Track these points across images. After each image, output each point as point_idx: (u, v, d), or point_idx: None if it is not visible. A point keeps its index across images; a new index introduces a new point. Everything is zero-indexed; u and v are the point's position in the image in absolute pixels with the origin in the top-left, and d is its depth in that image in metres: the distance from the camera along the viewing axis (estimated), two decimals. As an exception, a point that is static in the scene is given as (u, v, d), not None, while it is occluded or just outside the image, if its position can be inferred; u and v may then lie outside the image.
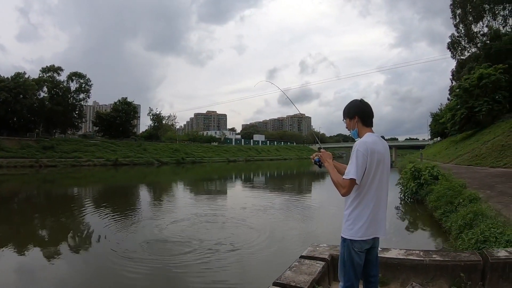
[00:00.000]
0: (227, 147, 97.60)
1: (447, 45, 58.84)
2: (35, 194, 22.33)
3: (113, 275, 7.03)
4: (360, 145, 2.75)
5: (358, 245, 2.80)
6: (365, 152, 2.71)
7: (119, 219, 12.32)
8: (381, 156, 2.80)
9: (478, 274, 4.00)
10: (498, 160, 23.27)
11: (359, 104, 3.00)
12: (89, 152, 54.82)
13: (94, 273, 7.28)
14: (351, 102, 3.07)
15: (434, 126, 71.77)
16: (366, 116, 2.95)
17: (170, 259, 7.92)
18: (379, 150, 2.80)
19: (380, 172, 2.81)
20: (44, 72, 62.18)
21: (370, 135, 2.87)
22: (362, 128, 2.95)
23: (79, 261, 8.01)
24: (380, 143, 2.85)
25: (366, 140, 2.79)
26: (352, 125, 3.00)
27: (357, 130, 2.97)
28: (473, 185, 12.83)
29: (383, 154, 2.84)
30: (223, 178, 38.51)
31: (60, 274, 7.19)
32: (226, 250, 8.49)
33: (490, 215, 7.36)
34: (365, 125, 2.94)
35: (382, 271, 3.95)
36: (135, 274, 6.99)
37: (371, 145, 2.75)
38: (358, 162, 2.70)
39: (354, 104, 3.03)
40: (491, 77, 38.73)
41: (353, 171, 2.69)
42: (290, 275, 3.70)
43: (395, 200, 15.11)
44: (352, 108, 3.02)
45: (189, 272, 7.20)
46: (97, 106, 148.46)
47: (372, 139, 2.82)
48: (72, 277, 7.01)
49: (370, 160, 2.73)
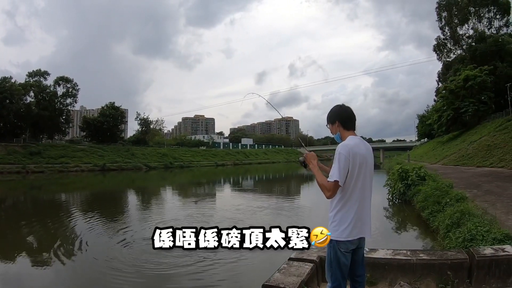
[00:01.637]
0: (215, 151, 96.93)
1: (433, 48, 59.53)
2: (21, 201, 22.00)
3: (99, 283, 6.96)
4: (342, 148, 2.79)
5: (344, 245, 2.83)
6: (347, 155, 2.75)
7: (106, 226, 12.20)
8: (363, 159, 2.84)
9: (465, 272, 4.05)
10: (484, 160, 23.60)
11: (339, 110, 3.07)
12: (76, 157, 54.20)
13: (80, 281, 7.19)
14: (332, 108, 3.13)
15: (421, 127, 72.65)
16: (347, 120, 3.01)
17: (158, 265, 7.88)
18: (361, 153, 2.83)
19: (363, 174, 2.84)
20: (30, 77, 61.55)
21: (352, 138, 2.91)
22: (343, 131, 3.00)
23: (65, 269, 7.87)
24: (362, 146, 2.89)
25: (347, 143, 2.83)
26: (334, 130, 3.07)
27: (339, 134, 3.03)
28: (460, 185, 12.99)
29: (365, 156, 2.87)
30: (212, 182, 38.44)
31: (46, 282, 7.12)
32: (214, 255, 8.46)
33: (477, 214, 7.44)
34: (346, 129, 2.99)
35: (370, 271, 3.98)
36: (122, 281, 6.94)
37: (353, 148, 2.79)
38: (341, 164, 2.74)
39: (334, 110, 3.10)
40: (477, 79, 39.32)
41: (336, 173, 2.74)
42: (279, 277, 3.71)
43: (383, 201, 15.21)
44: (333, 114, 3.09)
45: (178, 277, 7.16)
46: (84, 111, 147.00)
47: (354, 142, 2.86)
48: (58, 285, 6.92)
49: (352, 162, 2.76)
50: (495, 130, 30.51)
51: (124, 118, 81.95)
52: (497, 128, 30.78)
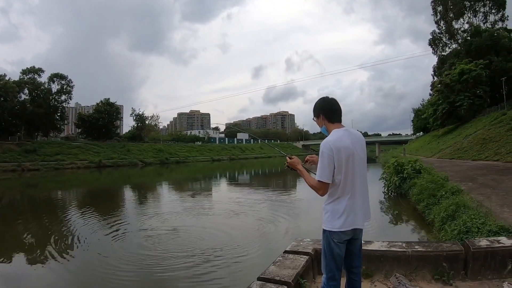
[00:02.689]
0: (211, 146, 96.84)
1: (429, 42, 59.69)
2: (18, 199, 21.84)
3: (98, 279, 6.94)
4: (324, 146, 2.79)
5: (337, 236, 2.83)
6: (330, 152, 2.74)
7: (103, 223, 12.14)
8: (348, 151, 2.80)
9: (460, 264, 4.05)
10: (479, 153, 23.70)
11: (322, 102, 3.04)
12: (72, 154, 53.86)
13: (78, 279, 7.16)
14: (316, 101, 3.10)
15: (417, 121, 72.83)
16: (331, 112, 2.97)
17: (155, 260, 7.88)
18: (346, 146, 2.79)
19: (351, 166, 2.81)
20: (24, 74, 60.88)
21: (335, 131, 2.88)
22: (328, 124, 2.97)
23: (64, 266, 7.80)
24: (346, 138, 2.84)
25: (329, 140, 2.81)
26: (320, 123, 3.05)
27: (325, 127, 3.01)
28: (455, 178, 13.03)
29: (351, 149, 2.83)
30: (209, 177, 38.48)
31: (44, 281, 7.07)
32: (211, 249, 8.48)
33: (472, 207, 7.48)
34: (331, 122, 2.96)
35: (366, 264, 3.97)
36: (121, 277, 6.93)
37: (335, 143, 2.77)
38: (324, 163, 2.75)
39: (318, 102, 3.06)
40: (472, 73, 39.42)
41: (321, 173, 2.75)
42: (274, 270, 3.70)
43: (379, 194, 15.28)
44: (316, 107, 3.06)
45: (174, 271, 7.16)
46: (79, 107, 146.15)
47: (337, 136, 2.83)
48: (57, 283, 6.89)
49: (337, 158, 2.75)
50: (490, 123, 30.64)
51: (120, 114, 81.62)
52: (492, 121, 30.90)
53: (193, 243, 9.15)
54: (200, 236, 9.79)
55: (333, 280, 2.91)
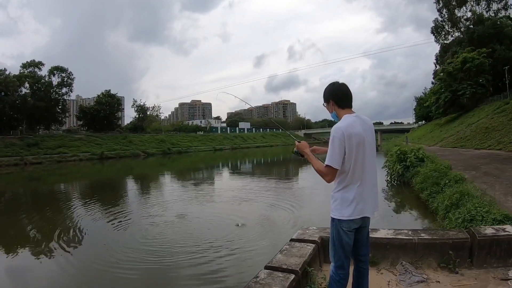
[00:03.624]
0: (213, 135, 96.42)
1: (431, 30, 59.07)
2: (21, 193, 21.84)
3: (104, 272, 6.97)
4: (335, 131, 2.74)
5: (346, 224, 2.81)
6: (341, 137, 2.70)
7: (107, 214, 12.18)
8: (360, 138, 2.77)
9: (466, 252, 4.05)
10: (482, 142, 23.64)
11: (332, 88, 2.99)
12: (74, 147, 53.81)
13: (83, 271, 7.20)
14: (326, 86, 3.06)
15: (419, 110, 72.58)
16: (341, 98, 2.94)
17: (162, 250, 7.93)
18: (357, 132, 2.77)
19: (361, 153, 2.79)
20: (24, 68, 60.47)
21: (346, 117, 2.84)
22: (338, 110, 2.94)
23: (68, 259, 7.82)
24: (358, 125, 2.81)
25: (340, 125, 2.77)
26: (330, 109, 3.01)
27: (335, 113, 2.97)
28: (458, 167, 13.02)
29: (362, 135, 2.80)
30: (212, 166, 38.59)
31: (49, 273, 7.10)
32: (216, 238, 8.53)
33: (476, 195, 7.46)
34: (341, 107, 2.93)
35: (372, 251, 3.97)
36: (127, 268, 6.99)
37: (347, 129, 2.73)
38: (335, 148, 2.71)
39: (328, 88, 3.02)
40: (475, 61, 39.15)
41: (331, 158, 2.71)
42: (281, 258, 3.70)
43: (382, 183, 15.26)
44: (326, 93, 3.01)
45: (181, 261, 7.21)
46: (80, 100, 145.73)
47: (348, 122, 2.79)
48: (63, 276, 6.88)
49: (348, 144, 2.71)
50: (493, 112, 30.53)
51: (121, 106, 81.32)
52: (495, 110, 30.79)
53: (198, 232, 9.21)
54: (205, 226, 9.84)
55: (342, 269, 2.90)
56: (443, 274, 3.91)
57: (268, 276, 3.31)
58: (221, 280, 6.27)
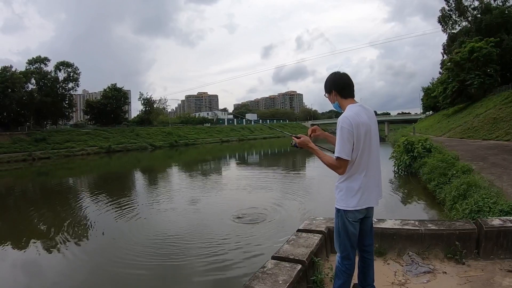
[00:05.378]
0: (219, 127, 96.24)
1: (438, 19, 58.34)
2: (30, 188, 22.07)
3: (113, 266, 7.06)
4: (343, 121, 2.70)
5: (351, 215, 2.81)
6: (350, 127, 2.67)
7: (116, 207, 12.27)
8: (367, 127, 2.76)
9: (473, 242, 4.03)
10: (490, 133, 23.47)
11: (334, 77, 2.96)
12: (81, 141, 54.08)
13: (93, 265, 7.27)
14: (327, 76, 3.02)
15: (426, 100, 71.81)
16: (343, 87, 2.90)
17: (168, 240, 8.01)
18: (364, 121, 2.74)
19: (368, 143, 2.77)
20: (30, 64, 60.62)
21: (351, 107, 2.81)
22: (341, 100, 2.90)
23: (77, 253, 7.92)
24: (363, 113, 2.79)
25: (347, 115, 2.73)
26: (332, 99, 2.97)
27: (337, 103, 2.94)
28: (465, 157, 12.96)
29: (369, 124, 2.79)
30: (218, 158, 38.69)
31: (59, 267, 7.17)
32: (226, 229, 8.59)
33: (483, 186, 7.44)
34: (344, 97, 2.90)
35: (379, 242, 3.99)
36: (138, 261, 7.07)
37: (354, 119, 2.70)
38: (344, 138, 2.67)
39: (329, 78, 2.98)
40: (482, 51, 38.61)
41: (342, 150, 2.68)
42: (288, 249, 3.72)
43: (389, 173, 15.21)
44: (327, 83, 2.98)
45: (190, 252, 7.30)
46: (86, 94, 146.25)
47: (354, 111, 2.76)
48: (74, 270, 6.95)
49: (356, 134, 2.69)
50: (501, 103, 30.21)
51: (127, 99, 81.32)
52: (503, 101, 30.44)
53: (205, 223, 9.31)
54: (212, 216, 9.90)
55: (348, 259, 2.91)
56: (450, 265, 3.91)
57: (275, 266, 3.33)
58: (228, 270, 6.35)
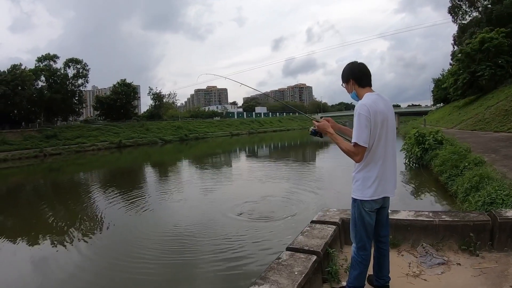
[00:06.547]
0: (229, 121, 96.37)
1: (448, 10, 57.62)
2: (41, 184, 22.33)
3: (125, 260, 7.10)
4: (361, 108, 2.72)
5: (368, 205, 2.83)
6: (367, 115, 2.68)
7: (128, 202, 12.35)
8: (384, 115, 2.77)
9: (487, 234, 4.00)
10: (502, 125, 23.18)
11: (351, 66, 2.98)
12: (92, 136, 54.48)
13: (104, 261, 7.34)
14: (345, 66, 3.04)
15: (437, 91, 71.06)
16: (361, 76, 2.93)
17: (184, 230, 8.13)
18: (381, 109, 2.76)
19: (385, 132, 2.78)
20: (40, 62, 61.13)
21: (369, 95, 2.83)
22: (359, 89, 2.92)
23: (90, 248, 8.03)
24: (381, 102, 2.80)
25: (365, 102, 2.75)
26: (350, 88, 2.98)
27: (355, 92, 2.95)
28: (477, 149, 12.84)
29: (386, 113, 2.80)
30: (228, 152, 38.80)
31: (73, 262, 7.23)
32: (240, 221, 8.66)
33: (496, 178, 7.38)
34: (362, 86, 2.91)
35: (392, 233, 3.97)
36: (152, 253, 7.18)
37: (372, 106, 2.71)
38: (362, 126, 2.68)
39: (347, 67, 3.01)
40: (493, 41, 37.97)
41: (359, 136, 2.68)
42: (302, 240, 3.74)
43: (400, 165, 15.13)
44: (346, 72, 3.00)
45: (204, 243, 7.39)
46: (96, 90, 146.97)
47: (372, 99, 2.78)
48: (84, 267, 7.00)
49: (374, 121, 2.70)
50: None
51: (137, 94, 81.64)
52: (515, 93, 30.07)
53: (219, 215, 9.37)
54: (224, 210, 9.92)
55: (364, 250, 2.92)
56: (464, 256, 3.90)
57: (290, 257, 3.35)
58: (243, 260, 6.39)
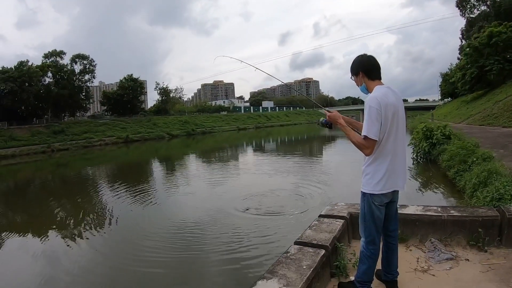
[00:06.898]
0: (236, 115, 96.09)
1: (456, 3, 57.13)
2: (49, 179, 22.52)
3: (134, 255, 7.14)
4: (372, 101, 2.71)
5: (378, 199, 2.82)
6: (378, 107, 2.67)
7: (136, 197, 12.41)
8: (394, 108, 2.75)
9: (495, 230, 3.98)
10: (510, 120, 23.01)
11: (361, 59, 2.97)
12: (99, 131, 54.79)
13: (112, 256, 7.40)
14: (354, 59, 3.03)
15: (444, 86, 70.47)
16: (370, 69, 2.92)
17: (192, 224, 8.21)
18: (392, 102, 2.74)
19: (395, 125, 2.77)
20: (46, 58, 61.53)
21: (379, 88, 2.82)
22: (369, 82, 2.91)
23: (98, 243, 8.09)
24: (391, 94, 2.79)
25: (376, 95, 2.74)
26: (359, 81, 2.98)
27: (364, 85, 2.94)
28: (485, 145, 12.76)
29: (397, 106, 2.78)
30: (235, 146, 38.90)
31: (82, 256, 7.31)
32: (248, 215, 8.70)
33: (504, 174, 7.33)
34: (371, 79, 2.91)
35: (401, 227, 3.95)
36: (158, 248, 7.25)
37: (382, 99, 2.70)
38: (372, 118, 2.67)
39: (356, 60, 3.00)
40: (502, 35, 37.53)
41: (369, 129, 2.67)
42: (310, 234, 3.75)
43: (408, 160, 15.08)
44: (355, 65, 2.99)
45: (212, 237, 7.44)
46: (103, 85, 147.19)
47: (382, 92, 2.77)
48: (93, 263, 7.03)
49: (384, 114, 2.69)
50: (522, 90, 29.59)
51: (144, 89, 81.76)
52: (524, 88, 29.82)
53: (227, 210, 9.41)
54: (231, 204, 9.96)
55: (373, 244, 2.92)
56: (472, 252, 3.88)
57: (298, 251, 3.36)
58: (251, 254, 6.43)
